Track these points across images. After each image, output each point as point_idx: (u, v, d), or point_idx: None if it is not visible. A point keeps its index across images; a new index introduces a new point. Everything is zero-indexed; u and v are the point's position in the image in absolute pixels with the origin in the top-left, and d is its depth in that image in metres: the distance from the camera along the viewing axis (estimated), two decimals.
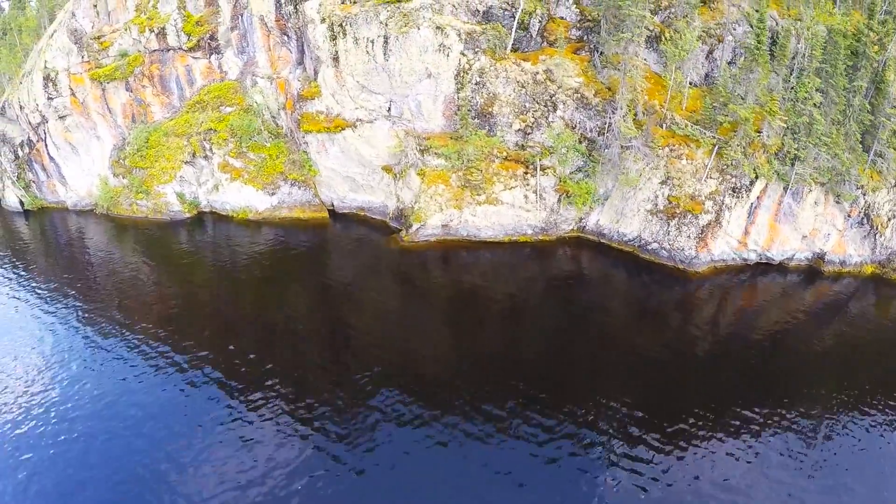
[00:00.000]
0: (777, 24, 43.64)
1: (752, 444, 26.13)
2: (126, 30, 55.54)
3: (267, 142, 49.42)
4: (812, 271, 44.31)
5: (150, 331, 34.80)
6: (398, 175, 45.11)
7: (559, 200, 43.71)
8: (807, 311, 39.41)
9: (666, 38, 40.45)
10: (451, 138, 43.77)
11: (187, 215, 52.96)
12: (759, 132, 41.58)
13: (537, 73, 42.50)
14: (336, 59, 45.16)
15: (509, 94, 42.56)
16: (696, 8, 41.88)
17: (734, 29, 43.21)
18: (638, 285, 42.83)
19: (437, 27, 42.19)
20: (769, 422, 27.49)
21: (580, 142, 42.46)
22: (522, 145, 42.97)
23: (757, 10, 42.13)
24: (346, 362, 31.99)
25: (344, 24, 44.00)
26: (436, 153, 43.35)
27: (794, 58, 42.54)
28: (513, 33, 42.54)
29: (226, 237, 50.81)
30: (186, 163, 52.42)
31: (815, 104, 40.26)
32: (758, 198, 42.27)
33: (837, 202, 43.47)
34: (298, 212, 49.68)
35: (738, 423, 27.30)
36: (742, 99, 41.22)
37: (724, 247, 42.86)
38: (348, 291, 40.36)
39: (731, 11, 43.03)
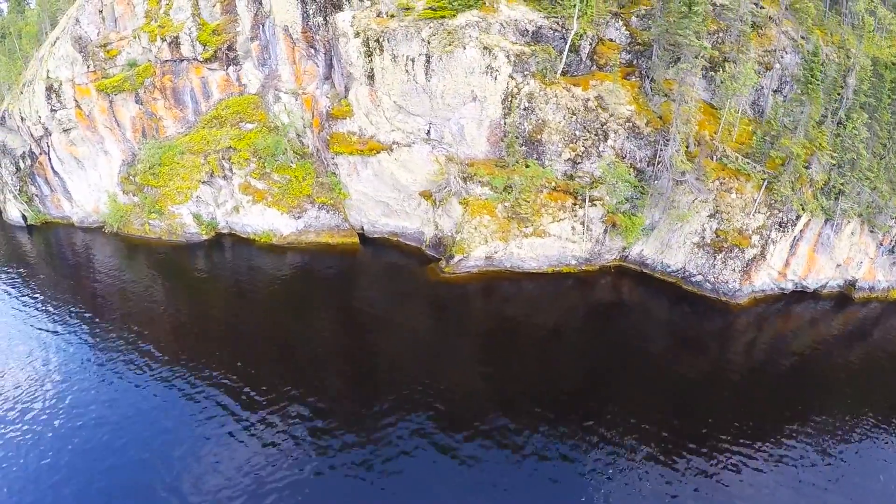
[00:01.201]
0: (821, 50, 38.44)
1: (779, 460, 24.78)
2: (135, 38, 46.39)
3: (292, 162, 41.66)
4: (843, 297, 40.41)
5: (161, 350, 31.00)
6: (438, 202, 38.31)
7: (605, 231, 37.85)
8: (838, 336, 36.17)
9: (724, 72, 34.59)
10: (497, 166, 37.28)
11: (204, 237, 44.91)
12: (808, 167, 36.52)
13: (588, 99, 36.24)
14: (371, 76, 37.76)
15: (559, 122, 36.21)
16: (749, 36, 36.15)
17: (781, 57, 37.82)
18: (679, 316, 37.82)
19: (485, 47, 35.35)
20: (798, 439, 26.08)
21: (630, 172, 36.42)
22: (571, 175, 36.87)
23: (809, 40, 36.85)
24: (368, 386, 28.53)
25: (381, 40, 36.59)
26: (480, 182, 36.79)
27: (840, 88, 37.46)
28: (564, 57, 36.15)
29: (246, 261, 43.21)
30: (204, 182, 44.23)
31: (861, 140, 35.40)
32: (801, 231, 37.38)
33: (871, 231, 39.12)
34: (327, 236, 42.33)
35: (769, 441, 25.67)
36: (791, 131, 35.99)
37: (765, 278, 38.12)
38: (378, 318, 34.66)
39: (780, 39, 37.55)
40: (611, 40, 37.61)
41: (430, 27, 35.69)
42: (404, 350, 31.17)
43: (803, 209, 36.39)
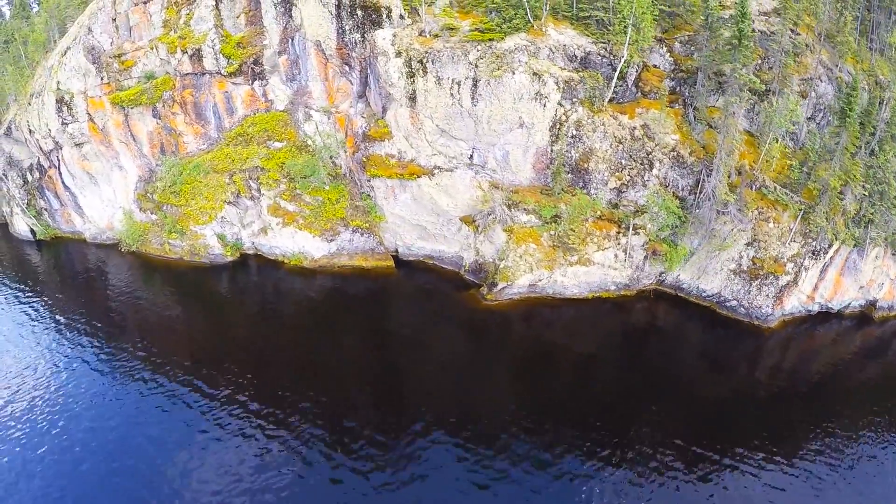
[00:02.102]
0: (850, 76, 36.40)
1: (804, 472, 24.03)
2: (152, 49, 40.89)
3: (325, 183, 37.18)
4: (864, 316, 39.47)
5: (180, 368, 28.83)
6: (481, 229, 34.78)
7: (645, 258, 35.20)
8: (859, 353, 35.23)
9: (768, 104, 32.00)
10: (542, 193, 34.07)
11: (229, 259, 40.36)
12: (841, 197, 34.56)
13: (635, 128, 33.30)
14: (412, 98, 33.83)
15: (606, 150, 33.20)
16: (790, 66, 33.68)
17: (816, 86, 35.58)
18: (714, 339, 35.98)
19: (535, 73, 31.91)
20: (821, 454, 25.33)
21: (674, 201, 33.70)
22: (616, 204, 33.94)
23: (843, 69, 34.68)
24: (396, 405, 26.82)
25: (425, 61, 32.64)
26: (526, 209, 33.47)
27: (874, 119, 35.52)
28: (613, 84, 32.84)
29: (274, 283, 39.13)
30: (229, 203, 39.59)
31: (892, 171, 33.61)
32: (830, 257, 35.56)
33: (894, 254, 37.73)
34: (360, 259, 38.41)
35: (794, 457, 24.86)
36: (826, 161, 33.89)
37: (795, 301, 36.50)
38: (412, 340, 31.99)
39: (816, 67, 35.26)
40: (655, 66, 34.66)
41: (478, 50, 31.94)
42: (437, 372, 29.10)
43: (835, 238, 34.57)
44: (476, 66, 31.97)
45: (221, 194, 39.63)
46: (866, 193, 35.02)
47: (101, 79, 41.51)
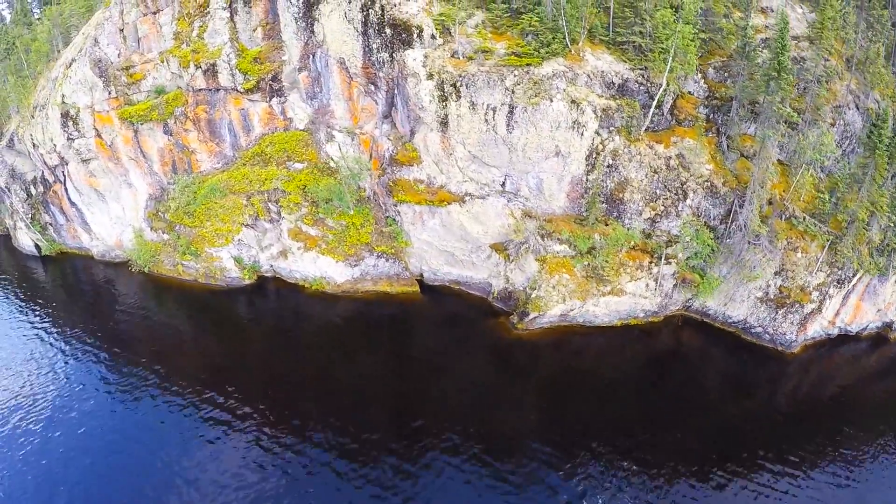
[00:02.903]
0: (879, 105, 34.51)
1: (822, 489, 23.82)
2: (163, 62, 36.85)
3: (350, 209, 33.77)
4: (879, 338, 38.48)
5: (191, 388, 27.48)
6: (512, 257, 32.05)
7: (675, 286, 33.00)
8: (877, 374, 34.19)
9: (802, 137, 29.77)
10: (575, 222, 31.50)
11: (246, 282, 37.12)
12: (867, 227, 32.80)
13: (670, 157, 30.99)
14: (444, 123, 30.80)
15: (641, 180, 30.89)
16: (822, 96, 31.49)
17: (844, 113, 33.54)
18: (737, 364, 34.60)
19: (573, 101, 29.06)
20: (837, 470, 25.07)
21: (706, 231, 31.47)
22: (649, 234, 31.55)
23: (870, 97, 32.67)
24: (414, 427, 25.52)
25: (458, 85, 29.57)
26: (559, 239, 30.81)
27: None
28: (650, 114, 30.31)
29: (293, 307, 36.46)
30: (247, 226, 36.03)
31: None
32: (853, 285, 33.92)
33: None
34: (385, 285, 35.49)
35: (810, 473, 24.66)
36: (854, 191, 32.01)
37: (817, 327, 35.09)
38: (436, 365, 30.28)
39: (845, 95, 33.20)
40: (689, 93, 32.26)
41: (515, 75, 28.97)
42: (460, 395, 27.84)
43: (860, 267, 32.91)
44: (513, 92, 29.05)
45: (239, 216, 36.03)
46: (892, 224, 33.42)
47: (109, 93, 37.31)
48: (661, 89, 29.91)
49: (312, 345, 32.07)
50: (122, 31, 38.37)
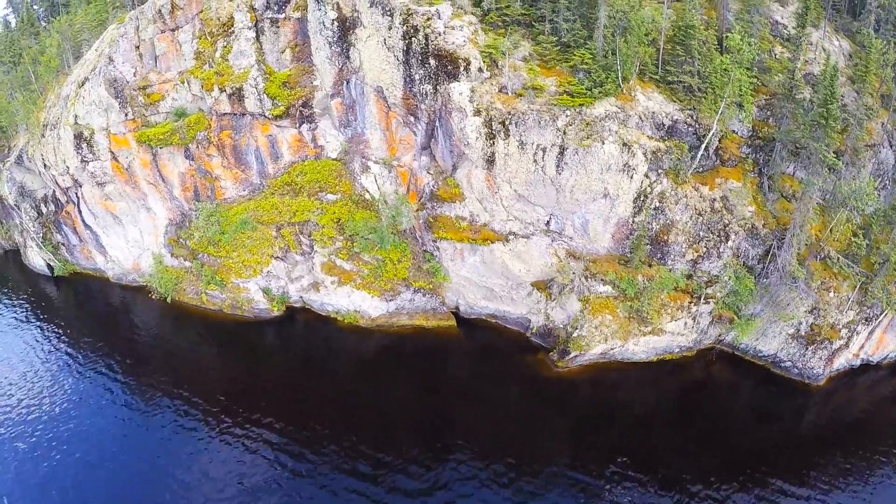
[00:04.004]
0: None
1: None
2: (183, 83, 34.01)
3: (388, 245, 31.97)
4: None
5: (214, 412, 27.21)
6: (554, 296, 30.97)
7: (711, 323, 32.50)
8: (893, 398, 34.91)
9: (843, 184, 29.20)
10: (619, 262, 30.43)
11: (275, 313, 35.04)
12: None
13: (714, 199, 30.14)
14: (490, 161, 29.12)
15: (686, 222, 30.00)
16: (861, 137, 30.89)
17: (879, 151, 33.14)
18: (763, 395, 34.62)
19: (624, 143, 27.64)
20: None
21: (744, 271, 30.99)
22: (690, 275, 30.76)
23: None
24: (440, 450, 25.50)
25: (507, 123, 27.84)
26: (603, 280, 29.75)
27: None
28: (698, 156, 29.12)
29: (324, 339, 34.58)
30: (277, 258, 33.79)
31: None
32: (879, 321, 34.07)
33: None
34: (421, 319, 34.10)
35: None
36: (886, 233, 31.82)
37: (843, 360, 34.97)
38: (470, 398, 29.66)
39: (880, 133, 32.71)
40: (733, 132, 31.11)
41: (567, 115, 27.36)
42: (491, 425, 27.54)
43: (888, 306, 32.97)
44: (564, 132, 27.48)
45: (268, 248, 33.85)
46: None
47: (126, 115, 34.25)
48: (711, 132, 28.83)
49: (341, 374, 31.15)
50: (137, 47, 35.02)
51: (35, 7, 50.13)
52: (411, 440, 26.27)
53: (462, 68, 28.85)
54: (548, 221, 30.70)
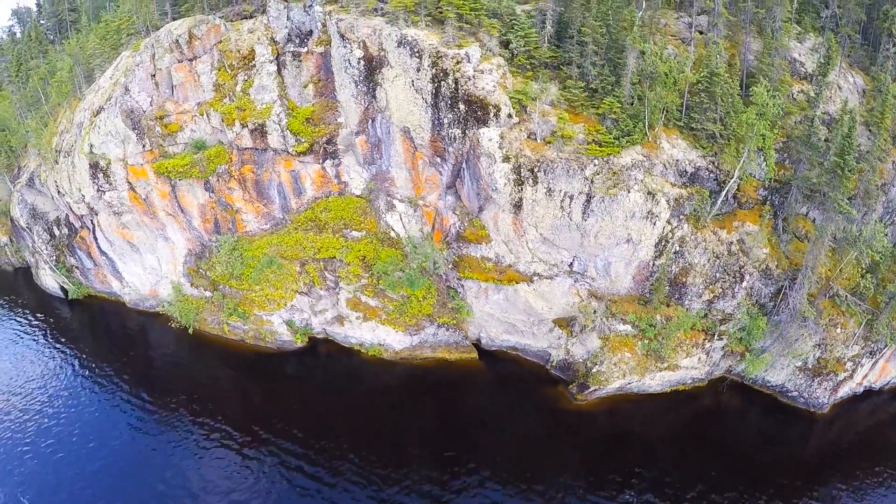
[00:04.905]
0: None
1: None
2: (202, 115, 34.31)
3: (415, 286, 32.87)
4: None
5: (230, 429, 29.23)
6: (574, 333, 32.58)
7: (723, 356, 34.41)
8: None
9: (855, 231, 30.83)
10: (638, 302, 32.05)
11: (298, 345, 36.26)
12: None
13: (731, 242, 31.87)
14: (518, 206, 30.34)
15: (704, 265, 31.79)
16: (874, 180, 32.40)
17: (888, 190, 34.77)
18: (770, 422, 37.29)
19: (649, 192, 28.90)
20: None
21: (756, 310, 32.83)
22: (705, 314, 32.44)
23: None
24: (456, 472, 27.23)
25: (536, 171, 28.96)
26: (624, 319, 31.32)
27: None
28: (719, 202, 30.52)
29: (346, 369, 36.04)
30: (301, 293, 34.65)
31: None
32: (882, 352, 36.37)
33: None
34: (444, 351, 35.72)
35: None
36: (893, 272, 33.73)
37: (847, 389, 37.33)
38: (487, 426, 31.81)
39: (890, 171, 34.28)
40: (751, 175, 32.48)
41: (595, 164, 28.51)
42: (506, 452, 29.29)
43: (892, 340, 35.17)
44: (592, 181, 28.69)
45: (292, 284, 34.75)
46: None
47: (144, 146, 34.55)
48: (732, 181, 30.18)
49: (361, 401, 32.92)
50: (153, 76, 34.98)
51: (42, 23, 48.68)
52: (428, 461, 28.32)
53: (492, 114, 29.62)
54: (571, 263, 32.22)
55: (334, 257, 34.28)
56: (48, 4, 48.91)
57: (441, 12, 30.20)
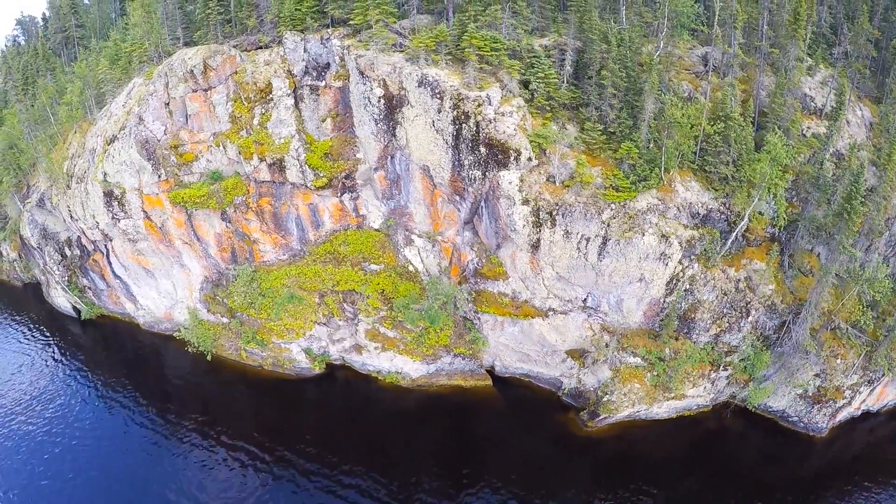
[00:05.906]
0: None
1: None
2: (218, 146, 35.21)
3: (435, 321, 34.43)
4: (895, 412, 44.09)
5: (244, 446, 31.46)
6: (586, 364, 34.56)
7: (727, 384, 36.60)
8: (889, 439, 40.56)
9: (859, 269, 32.72)
10: (648, 336, 33.97)
11: (316, 371, 38.00)
12: None
13: (739, 280, 33.94)
14: (535, 246, 32.02)
15: (712, 301, 33.91)
16: (879, 218, 34.18)
17: (892, 225, 36.64)
18: (770, 445, 40.02)
19: (663, 235, 30.40)
20: None
21: (760, 342, 34.89)
22: (712, 346, 34.41)
23: None
24: (467, 494, 29.25)
25: (555, 214, 30.43)
26: (633, 352, 33.20)
27: None
28: (729, 243, 32.06)
29: (364, 395, 37.98)
30: (320, 324, 35.96)
31: None
32: (880, 380, 38.88)
33: None
34: (459, 379, 37.85)
35: None
36: (893, 303, 35.88)
37: (845, 413, 39.95)
38: (496, 445, 34.18)
39: (893, 206, 36.12)
40: (760, 213, 34.08)
41: (612, 209, 29.97)
42: (520, 472, 31.33)
43: (889, 371, 37.55)
44: (608, 225, 30.27)
45: (311, 314, 36.15)
46: None
47: (159, 176, 35.41)
48: (742, 223, 31.85)
49: (377, 425, 35.05)
50: (167, 104, 35.50)
51: (49, 38, 47.82)
52: (442, 481, 30.73)
53: (512, 157, 30.80)
54: (585, 299, 34.13)
55: (353, 290, 35.76)
56: (55, 19, 48.20)
57: (462, 51, 30.91)
